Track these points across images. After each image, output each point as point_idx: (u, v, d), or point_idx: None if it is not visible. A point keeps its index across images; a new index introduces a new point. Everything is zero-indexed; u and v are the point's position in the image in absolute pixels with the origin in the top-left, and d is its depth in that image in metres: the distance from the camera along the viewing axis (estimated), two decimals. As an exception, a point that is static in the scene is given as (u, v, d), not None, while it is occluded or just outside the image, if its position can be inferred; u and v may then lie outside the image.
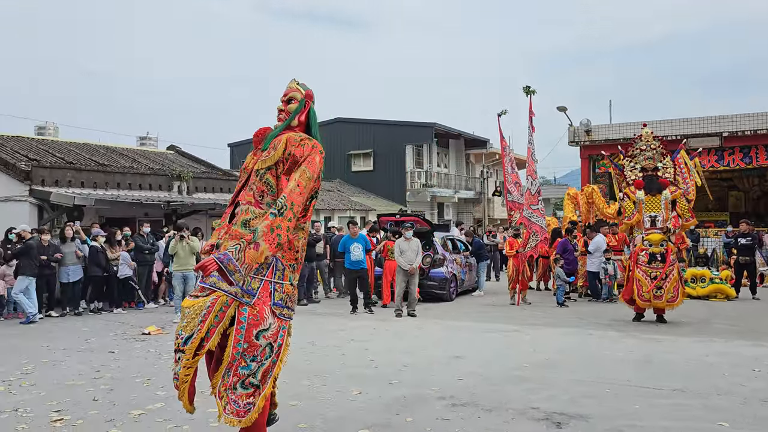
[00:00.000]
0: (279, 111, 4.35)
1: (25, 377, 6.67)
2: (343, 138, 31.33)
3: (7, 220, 12.19)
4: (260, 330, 3.89)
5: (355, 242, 11.84)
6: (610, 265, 13.00)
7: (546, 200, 41.99)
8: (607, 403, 5.49)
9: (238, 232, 4.04)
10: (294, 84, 4.44)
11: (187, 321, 3.88)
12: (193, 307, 3.91)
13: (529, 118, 13.13)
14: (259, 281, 3.99)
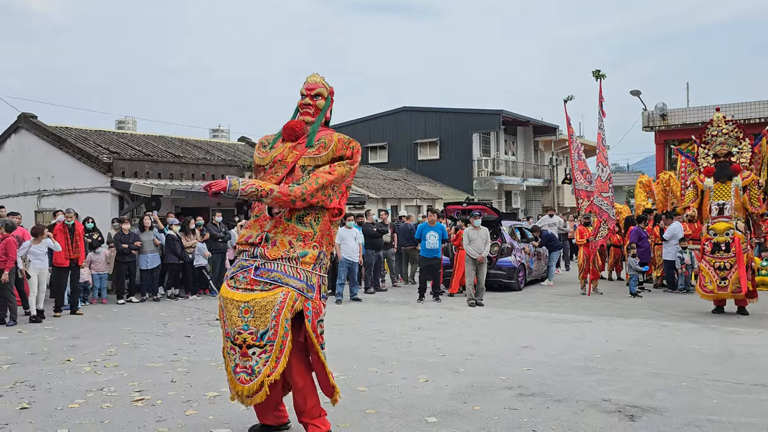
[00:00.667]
0: (305, 105, 4.48)
1: (109, 359, 7.05)
2: (410, 127, 31.29)
3: (91, 210, 12.83)
4: (319, 320, 4.23)
5: (431, 231, 11.81)
6: (686, 254, 12.48)
7: (618, 188, 40.69)
8: (683, 397, 5.30)
9: (294, 228, 4.24)
10: (319, 78, 4.56)
11: (255, 317, 4.00)
12: (254, 302, 4.03)
13: (599, 102, 12.73)
14: (317, 276, 4.27)
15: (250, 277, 4.15)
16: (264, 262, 4.16)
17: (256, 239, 4.25)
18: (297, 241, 4.22)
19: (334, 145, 4.31)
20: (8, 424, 4.80)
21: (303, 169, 4.29)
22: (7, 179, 15.89)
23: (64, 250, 10.39)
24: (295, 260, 4.16)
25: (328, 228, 4.36)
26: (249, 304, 4.04)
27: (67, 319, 10.04)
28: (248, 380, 4.03)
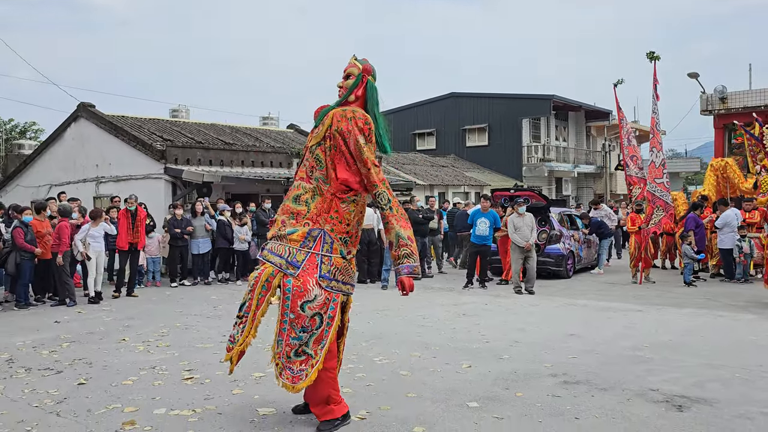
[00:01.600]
0: (339, 87, 4.48)
1: (161, 339, 7.29)
2: (458, 113, 31.02)
3: (145, 196, 13.24)
4: (305, 301, 4.11)
5: (483, 217, 11.72)
6: (745, 243, 12.02)
7: (675, 174, 39.42)
8: (736, 389, 5.13)
9: (289, 207, 4.30)
10: (353, 60, 4.52)
11: (246, 291, 4.29)
12: (251, 278, 4.30)
13: (654, 85, 12.32)
14: (305, 253, 4.18)
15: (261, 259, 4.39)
16: (266, 243, 4.40)
17: (275, 223, 4.44)
18: (289, 219, 4.29)
19: (329, 120, 4.28)
20: (66, 398, 5.03)
21: (310, 150, 4.37)
22: (68, 166, 16.53)
23: (125, 235, 10.79)
24: (283, 238, 4.25)
25: (332, 206, 4.25)
26: (251, 280, 4.33)
27: (123, 301, 10.42)
28: (230, 348, 4.35)
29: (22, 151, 22.13)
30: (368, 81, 4.46)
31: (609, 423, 4.35)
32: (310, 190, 4.29)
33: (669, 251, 14.69)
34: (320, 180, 4.28)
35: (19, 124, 33.96)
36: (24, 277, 9.77)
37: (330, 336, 4.21)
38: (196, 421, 4.45)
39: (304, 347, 4.13)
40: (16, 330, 7.95)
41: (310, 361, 4.14)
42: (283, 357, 4.15)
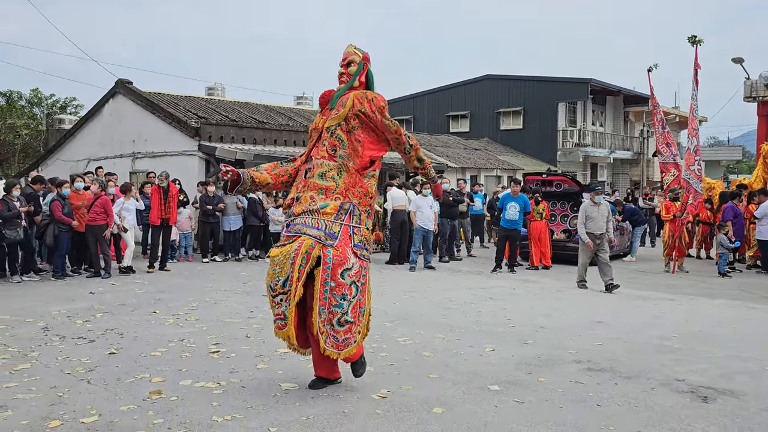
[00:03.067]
0: (340, 74, 4.71)
1: (191, 313, 7.45)
2: (493, 95, 30.65)
3: (179, 172, 13.45)
4: (344, 269, 4.32)
5: (513, 201, 11.61)
6: None
7: (716, 162, 38.40)
8: (765, 382, 5.03)
9: (316, 183, 4.48)
10: (352, 48, 4.77)
11: (280, 267, 4.31)
12: (281, 254, 4.34)
13: (694, 71, 11.96)
14: (339, 225, 4.41)
15: (284, 234, 4.52)
16: (293, 218, 4.49)
17: (289, 200, 4.61)
18: (318, 194, 4.46)
19: (350, 101, 4.53)
20: (98, 366, 5.19)
21: (327, 130, 4.57)
22: (106, 141, 16.87)
23: (156, 210, 11.01)
24: (315, 212, 4.41)
25: (357, 181, 4.53)
26: (278, 257, 4.36)
27: (155, 275, 10.65)
28: (284, 325, 4.38)
29: (62, 126, 22.66)
30: (368, 68, 4.79)
31: (631, 411, 4.31)
32: (335, 167, 4.50)
33: (705, 241, 14.37)
34: (345, 158, 4.51)
35: (60, 99, 34.73)
36: (61, 248, 10.06)
37: (367, 303, 4.57)
38: (220, 393, 4.55)
39: (345, 316, 4.34)
40: (52, 300, 8.21)
41: (353, 328, 4.41)
42: (327, 324, 4.31)
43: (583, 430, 3.95)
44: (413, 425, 3.98)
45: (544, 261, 12.20)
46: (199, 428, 3.89)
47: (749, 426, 4.07)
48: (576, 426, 4.01)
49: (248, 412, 4.16)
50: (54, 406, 4.26)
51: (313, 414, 4.14)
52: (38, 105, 33.62)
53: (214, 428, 3.90)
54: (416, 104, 33.37)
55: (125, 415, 4.09)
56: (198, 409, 4.20)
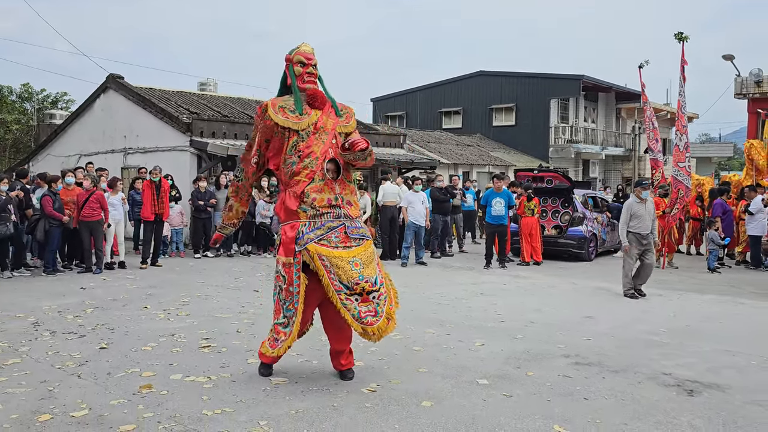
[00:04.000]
0: (310, 74, 4.87)
1: (182, 308, 7.45)
2: (485, 91, 30.71)
3: (171, 168, 13.42)
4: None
5: (497, 197, 11.66)
6: None
7: (707, 159, 38.62)
8: (751, 376, 5.09)
9: (353, 188, 4.86)
10: (311, 48, 4.93)
11: (365, 266, 4.57)
12: (362, 255, 4.61)
13: (681, 67, 12.04)
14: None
15: (342, 236, 4.61)
16: (350, 221, 4.70)
17: (337, 201, 4.67)
18: (352, 196, 4.84)
19: (352, 114, 5.08)
20: (88, 361, 5.20)
21: (340, 135, 4.89)
22: (97, 137, 16.81)
23: (149, 205, 11.00)
24: (359, 217, 4.82)
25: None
26: (357, 258, 4.56)
27: (146, 270, 10.64)
28: (376, 320, 4.53)
29: (53, 121, 22.57)
30: None
31: (618, 404, 4.35)
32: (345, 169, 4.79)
33: (695, 237, 14.47)
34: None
35: (51, 94, 34.53)
36: (52, 244, 10.03)
37: None
38: (210, 387, 4.56)
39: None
40: (43, 295, 8.20)
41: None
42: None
43: (570, 423, 4.00)
44: (402, 419, 4.01)
45: (535, 257, 12.26)
46: (189, 422, 3.91)
47: (734, 419, 4.13)
48: (563, 419, 4.05)
49: (238, 406, 4.18)
50: (44, 400, 4.27)
51: (302, 408, 4.17)
52: (29, 100, 33.41)
53: (204, 422, 3.91)
54: (409, 100, 33.39)
55: (115, 409, 4.10)
56: (188, 403, 4.22)
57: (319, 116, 4.78)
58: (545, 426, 3.94)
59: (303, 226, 4.57)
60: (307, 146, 4.67)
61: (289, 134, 4.72)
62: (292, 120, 4.72)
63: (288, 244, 4.59)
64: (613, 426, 3.96)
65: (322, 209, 4.59)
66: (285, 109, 4.76)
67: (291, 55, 4.92)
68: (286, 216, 4.71)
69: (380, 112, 34.05)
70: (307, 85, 4.82)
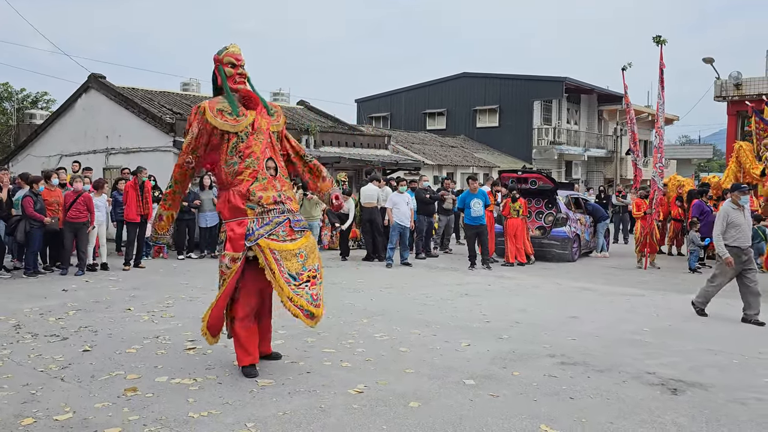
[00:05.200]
0: (242, 75, 5.05)
1: (166, 310, 7.40)
2: (469, 93, 30.84)
3: (154, 169, 13.28)
4: None
5: (475, 198, 11.71)
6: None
7: (687, 161, 39.10)
8: (732, 374, 5.16)
9: (286, 182, 5.08)
10: (240, 49, 5.09)
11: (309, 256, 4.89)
12: (305, 247, 4.88)
13: (660, 70, 12.20)
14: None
15: (287, 229, 4.85)
16: (292, 215, 4.93)
17: (281, 198, 4.90)
18: (291, 191, 5.10)
19: (281, 113, 5.32)
20: (71, 364, 5.14)
21: (275, 134, 5.15)
22: (79, 137, 16.62)
23: (135, 206, 10.89)
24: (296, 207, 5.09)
25: None
26: (302, 249, 4.86)
27: (130, 272, 10.54)
28: (320, 305, 4.88)
29: (33, 121, 22.28)
30: None
31: (603, 403, 4.39)
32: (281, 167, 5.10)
33: (676, 237, 14.64)
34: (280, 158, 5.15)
35: (30, 93, 34.11)
36: (33, 245, 9.89)
37: None
38: (196, 389, 4.53)
39: None
40: (24, 297, 8.09)
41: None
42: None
43: (556, 422, 4.02)
44: (389, 419, 4.02)
45: (520, 257, 12.33)
46: (174, 424, 3.88)
47: (716, 417, 4.18)
48: (549, 418, 4.08)
49: (224, 408, 4.16)
50: (27, 403, 4.22)
51: (289, 409, 4.16)
52: (8, 100, 32.98)
53: (191, 424, 3.89)
54: (393, 101, 33.44)
55: (100, 412, 4.06)
56: (174, 406, 4.19)
57: (255, 117, 4.98)
58: (532, 425, 3.97)
59: (252, 223, 4.79)
60: (247, 147, 4.90)
61: (228, 136, 4.91)
62: (231, 123, 4.90)
63: (237, 240, 4.79)
64: (598, 425, 4.00)
65: (269, 206, 4.84)
66: (223, 111, 4.91)
67: (220, 56, 5.08)
68: (232, 213, 4.89)
69: (364, 113, 34.06)
70: (239, 86, 5.01)
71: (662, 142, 12.20)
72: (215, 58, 5.10)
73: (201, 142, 4.96)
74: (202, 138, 4.94)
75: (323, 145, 18.55)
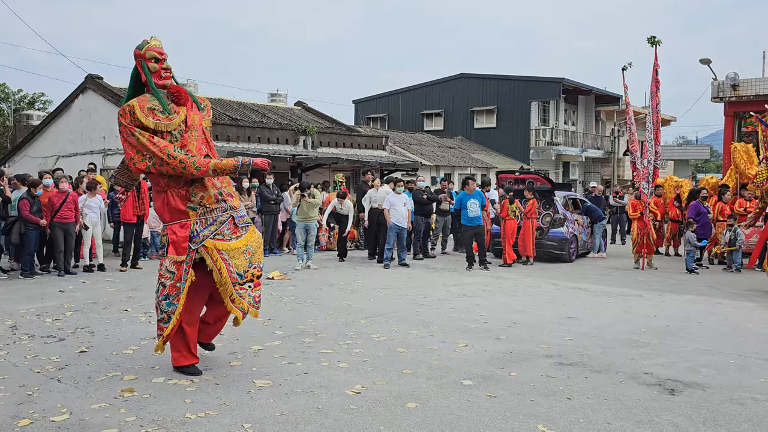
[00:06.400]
0: (167, 69, 4.91)
1: (163, 310, 7.37)
2: (467, 94, 30.86)
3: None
4: None
5: (471, 198, 11.72)
6: (729, 233, 12.12)
7: (684, 161, 39.19)
8: (729, 374, 5.17)
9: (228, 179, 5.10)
10: (160, 42, 4.93)
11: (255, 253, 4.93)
12: (252, 243, 4.88)
13: (654, 71, 12.22)
14: None
15: (232, 227, 4.84)
16: (235, 211, 4.94)
17: (222, 195, 4.88)
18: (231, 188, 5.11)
19: (211, 108, 5.29)
20: (68, 365, 5.12)
21: (207, 129, 5.13)
22: (76, 138, 16.59)
23: (131, 207, 10.87)
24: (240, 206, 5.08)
25: None
26: (249, 245, 4.87)
27: (127, 273, 10.52)
28: (259, 306, 5.05)
29: (30, 122, 22.22)
30: None
31: (600, 404, 4.39)
32: None
33: (674, 238, 14.66)
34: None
35: (27, 94, 34.05)
36: (29, 246, 9.87)
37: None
38: (193, 390, 4.52)
39: None
40: (21, 298, 8.07)
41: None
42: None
43: (553, 422, 4.02)
44: (387, 420, 4.01)
45: (528, 252, 12.37)
46: (172, 425, 3.87)
47: (714, 417, 4.19)
48: (547, 419, 4.08)
49: (222, 409, 4.15)
50: (23, 405, 4.20)
51: (287, 410, 4.15)
52: (5, 101, 32.93)
53: (188, 425, 3.88)
54: (391, 102, 33.44)
55: (97, 413, 4.05)
56: (171, 407, 4.18)
57: (187, 113, 4.85)
58: (529, 426, 3.97)
59: (195, 224, 4.72)
60: (182, 145, 4.76)
61: (161, 136, 4.71)
62: (164, 122, 4.71)
63: (180, 243, 4.70)
64: (595, 425, 4.00)
65: (211, 205, 4.78)
66: (154, 110, 4.70)
67: (141, 51, 4.83)
68: (173, 216, 4.77)
69: (362, 113, 34.06)
70: (165, 82, 4.83)
71: (657, 143, 12.20)
72: (136, 53, 4.85)
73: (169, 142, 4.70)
74: (158, 138, 4.66)
75: (321, 145, 18.55)
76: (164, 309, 4.75)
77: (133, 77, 4.96)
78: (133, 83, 4.96)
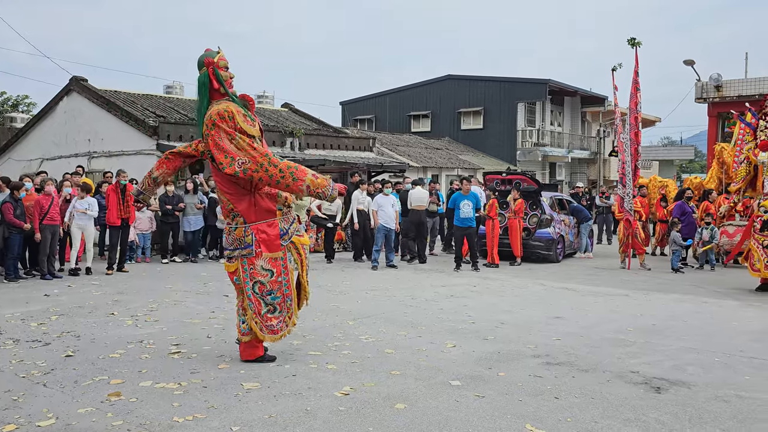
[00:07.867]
0: (231, 77, 5.13)
1: (150, 314, 7.33)
2: (453, 95, 30.92)
3: (137, 172, 13.16)
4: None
5: (465, 199, 11.73)
6: (706, 231, 12.27)
7: (669, 162, 39.50)
8: (715, 372, 5.22)
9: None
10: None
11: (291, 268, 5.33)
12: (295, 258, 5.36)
13: (635, 72, 12.34)
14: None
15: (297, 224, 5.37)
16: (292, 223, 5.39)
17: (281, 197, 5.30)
18: None
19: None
20: (54, 369, 5.08)
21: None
22: (60, 141, 16.44)
23: (116, 210, 10.79)
24: None
25: None
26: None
27: (113, 276, 10.44)
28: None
29: (14, 125, 21.97)
30: None
31: (588, 403, 4.42)
32: None
33: (662, 239, 14.78)
34: None
35: (11, 97, 33.71)
36: (12, 251, 9.76)
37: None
38: (181, 394, 4.50)
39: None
40: (5, 302, 7.98)
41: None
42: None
43: (541, 422, 4.05)
44: (376, 421, 4.01)
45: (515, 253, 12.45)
46: (159, 429, 3.85)
47: (699, 414, 4.23)
48: (535, 418, 4.10)
49: (210, 412, 4.13)
50: (8, 410, 4.16)
51: (275, 412, 4.14)
52: (-12, 103, 32.56)
53: (176, 429, 3.86)
54: (378, 104, 33.45)
55: (83, 418, 4.02)
56: (158, 410, 4.15)
57: (257, 121, 5.11)
58: (517, 425, 3.99)
59: (282, 223, 5.05)
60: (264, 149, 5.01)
61: (252, 140, 4.92)
62: (253, 128, 4.96)
63: (273, 241, 5.01)
64: (583, 424, 4.02)
65: (289, 204, 5.21)
66: (247, 116, 4.96)
67: (214, 59, 5.04)
68: (259, 216, 5.04)
69: (349, 115, 34.03)
70: (234, 90, 5.08)
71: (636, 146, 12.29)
72: (209, 62, 5.03)
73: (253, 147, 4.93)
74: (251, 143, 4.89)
75: (308, 147, 18.51)
76: (269, 302, 5.09)
77: (204, 84, 5.08)
78: (205, 90, 5.10)
